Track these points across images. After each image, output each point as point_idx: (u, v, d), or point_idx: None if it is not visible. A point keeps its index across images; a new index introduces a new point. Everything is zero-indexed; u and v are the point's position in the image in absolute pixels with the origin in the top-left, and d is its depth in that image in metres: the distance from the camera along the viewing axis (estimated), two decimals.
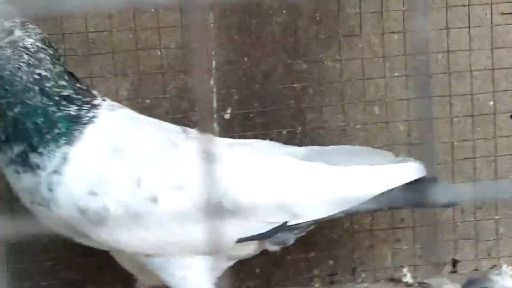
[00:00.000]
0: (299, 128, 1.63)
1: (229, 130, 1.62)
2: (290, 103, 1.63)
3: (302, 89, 1.64)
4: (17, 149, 1.27)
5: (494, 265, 1.66)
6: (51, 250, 1.66)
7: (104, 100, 1.35)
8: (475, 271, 1.69)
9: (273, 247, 1.41)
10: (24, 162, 1.27)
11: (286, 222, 1.33)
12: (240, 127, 1.63)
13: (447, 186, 1.59)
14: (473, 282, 1.46)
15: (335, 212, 1.37)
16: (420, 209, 1.60)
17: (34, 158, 1.26)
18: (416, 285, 1.69)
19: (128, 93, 1.56)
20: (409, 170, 1.40)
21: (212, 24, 1.58)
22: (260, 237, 1.34)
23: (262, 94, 1.63)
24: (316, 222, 1.37)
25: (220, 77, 1.60)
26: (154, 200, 1.28)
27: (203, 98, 0.94)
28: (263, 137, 1.58)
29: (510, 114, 1.62)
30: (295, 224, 1.34)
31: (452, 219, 1.68)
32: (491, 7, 1.56)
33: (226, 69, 1.57)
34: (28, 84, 1.27)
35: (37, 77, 1.27)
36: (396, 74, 1.60)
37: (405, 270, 1.68)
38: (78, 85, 1.32)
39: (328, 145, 1.57)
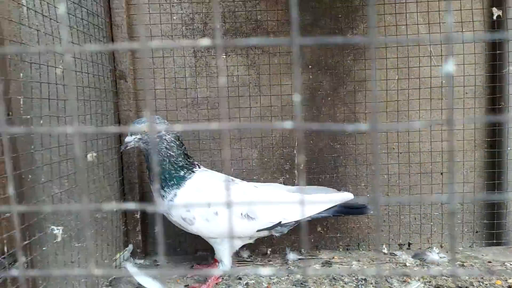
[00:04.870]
0: (335, 175, 2.18)
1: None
2: (331, 164, 2.17)
3: (337, 158, 2.18)
4: (156, 187, 1.73)
5: (429, 247, 2.07)
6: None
7: (199, 167, 1.77)
8: (419, 249, 2.13)
9: (276, 234, 1.83)
10: (159, 194, 1.71)
11: (280, 222, 1.76)
12: (306, 172, 2.17)
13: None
14: (418, 254, 2.03)
15: (304, 218, 1.69)
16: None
17: (162, 193, 1.71)
18: (389, 254, 2.11)
19: None
20: (345, 196, 1.81)
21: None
22: (268, 229, 1.78)
23: (318, 159, 2.17)
24: (296, 222, 1.77)
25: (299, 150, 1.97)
26: (216, 213, 1.69)
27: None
28: (318, 179, 2.13)
29: None
30: (285, 223, 1.77)
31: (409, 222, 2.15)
32: None
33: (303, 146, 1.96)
34: (165, 157, 1.67)
35: (169, 154, 1.67)
36: None
37: (384, 246, 2.17)
38: (189, 160, 1.74)
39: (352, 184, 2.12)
